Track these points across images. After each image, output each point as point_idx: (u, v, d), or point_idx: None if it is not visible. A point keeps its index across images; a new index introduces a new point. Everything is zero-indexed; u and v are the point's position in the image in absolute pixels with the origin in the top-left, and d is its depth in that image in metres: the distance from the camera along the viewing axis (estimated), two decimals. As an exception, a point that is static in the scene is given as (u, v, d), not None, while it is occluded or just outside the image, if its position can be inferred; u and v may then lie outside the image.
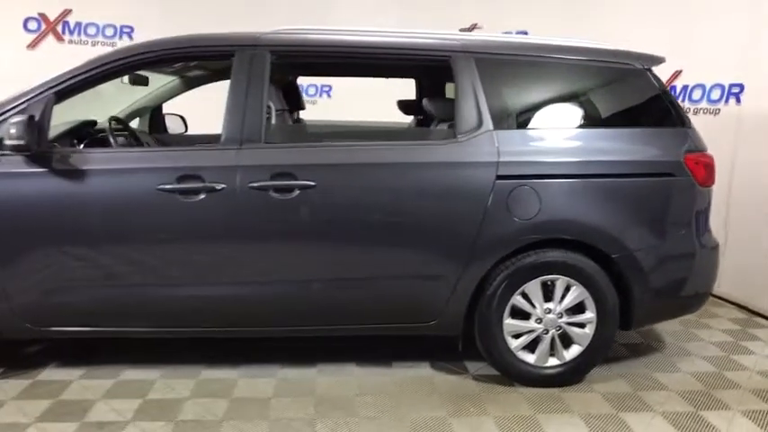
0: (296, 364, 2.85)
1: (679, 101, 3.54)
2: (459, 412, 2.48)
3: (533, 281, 2.62)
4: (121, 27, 5.67)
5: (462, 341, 2.77)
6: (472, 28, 5.72)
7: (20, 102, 2.48)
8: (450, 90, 3.22)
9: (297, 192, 2.48)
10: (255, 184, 2.47)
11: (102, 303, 2.57)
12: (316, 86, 6.41)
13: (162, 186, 2.45)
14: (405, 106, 3.94)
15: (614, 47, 2.78)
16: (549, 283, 2.64)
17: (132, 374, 2.74)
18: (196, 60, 2.96)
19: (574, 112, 2.77)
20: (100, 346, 2.99)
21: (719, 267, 2.88)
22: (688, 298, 2.82)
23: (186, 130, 3.82)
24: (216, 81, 3.36)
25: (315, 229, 2.55)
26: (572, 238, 2.60)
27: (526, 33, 5.53)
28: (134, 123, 3.47)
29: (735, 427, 2.41)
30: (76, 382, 2.67)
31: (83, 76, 2.54)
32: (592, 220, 2.60)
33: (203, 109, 3.26)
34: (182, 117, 3.77)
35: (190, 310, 2.62)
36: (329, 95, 6.40)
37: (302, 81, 6.02)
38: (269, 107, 3.82)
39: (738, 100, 3.79)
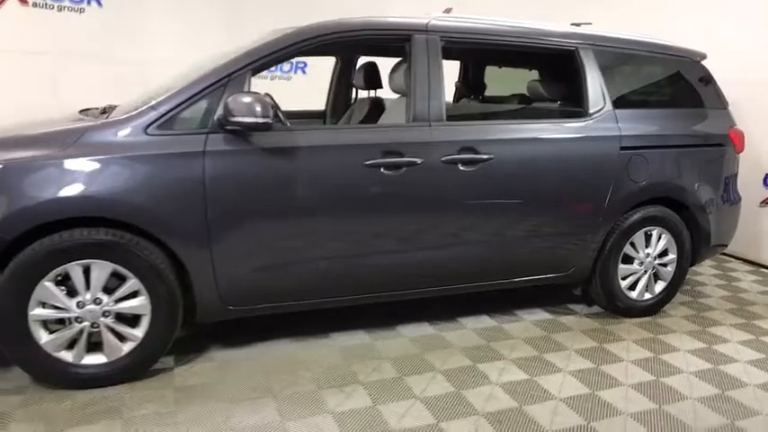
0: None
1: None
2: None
3: (639, 232, 3.26)
4: (296, 62, 5.78)
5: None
6: (448, 11, 6.20)
7: (218, 79, 2.43)
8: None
9: (479, 164, 2.79)
10: (447, 158, 2.73)
11: (309, 277, 2.64)
12: (291, 63, 6.37)
13: (369, 162, 2.59)
14: (464, 87, 4.36)
15: (676, 43, 3.48)
16: (648, 233, 3.29)
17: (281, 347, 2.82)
18: (375, 42, 3.01)
19: (658, 95, 3.43)
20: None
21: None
22: (721, 245, 3.66)
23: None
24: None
25: (491, 197, 2.88)
26: (669, 196, 3.27)
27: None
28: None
29: (572, 363, 2.82)
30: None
31: (275, 55, 2.56)
32: (680, 181, 3.30)
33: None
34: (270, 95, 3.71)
35: (390, 276, 2.80)
36: (304, 72, 6.42)
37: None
38: (353, 86, 3.99)
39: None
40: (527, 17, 3.17)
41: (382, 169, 2.62)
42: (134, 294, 2.36)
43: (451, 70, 4.33)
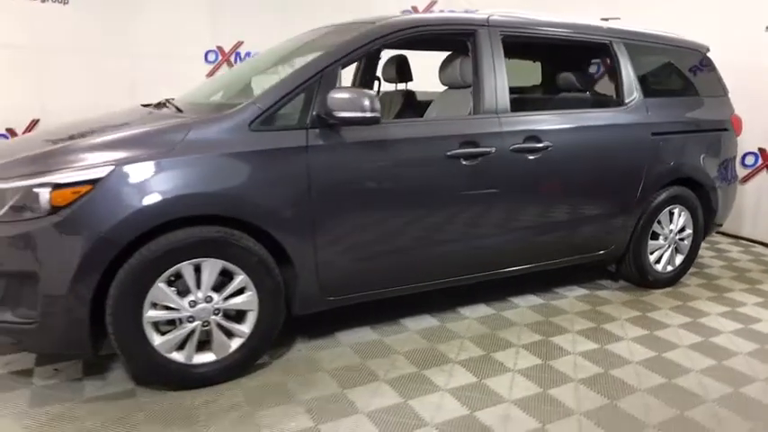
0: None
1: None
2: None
3: (665, 210, 3.58)
4: None
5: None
6: (432, 4, 6.39)
7: (312, 74, 2.47)
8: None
9: (540, 152, 2.98)
10: (515, 147, 2.90)
11: (400, 264, 2.74)
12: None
13: (450, 152, 2.72)
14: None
15: (685, 36, 3.82)
16: (671, 211, 3.61)
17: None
18: (444, 37, 3.07)
19: (675, 84, 3.75)
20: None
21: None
22: (720, 224, 4.06)
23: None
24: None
25: (551, 183, 3.09)
26: (689, 177, 3.60)
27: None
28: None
29: (629, 331, 3.24)
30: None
31: (361, 50, 2.62)
32: (697, 163, 3.64)
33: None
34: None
35: (469, 259, 2.96)
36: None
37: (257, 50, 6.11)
38: (378, 79, 4.07)
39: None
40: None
41: (462, 159, 2.75)
42: (240, 291, 2.37)
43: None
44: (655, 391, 2.47)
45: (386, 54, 3.78)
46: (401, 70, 3.79)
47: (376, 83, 4.19)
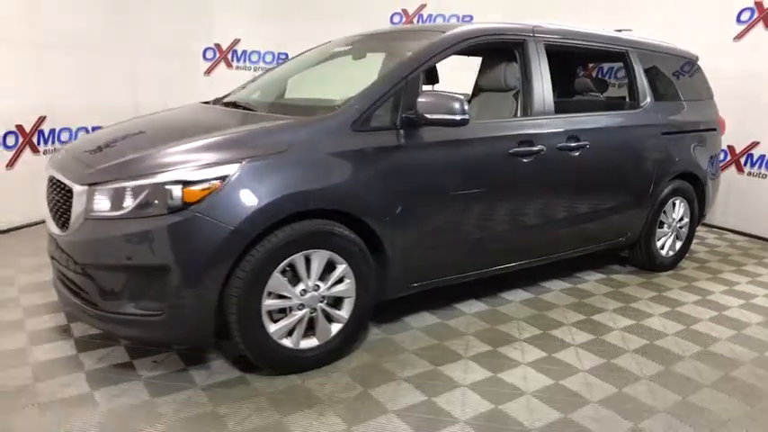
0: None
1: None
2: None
3: (669, 202, 4.02)
4: (278, 54, 6.43)
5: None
6: (421, 8, 6.67)
7: (399, 79, 2.67)
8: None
9: (580, 150, 3.31)
10: (560, 145, 3.21)
11: (470, 252, 3.01)
12: (273, 54, 6.43)
13: (512, 151, 3.00)
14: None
15: (678, 45, 4.27)
16: (674, 202, 4.06)
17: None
18: (499, 45, 3.25)
19: (674, 89, 4.18)
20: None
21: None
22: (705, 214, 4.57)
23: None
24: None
25: (588, 178, 3.44)
26: (689, 171, 4.05)
27: (471, 18, 6.73)
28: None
29: (655, 309, 4.18)
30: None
31: (437, 57, 2.84)
32: (696, 159, 4.10)
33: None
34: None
35: (522, 248, 3.26)
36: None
37: (261, 48, 6.20)
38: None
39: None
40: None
41: (519, 157, 3.04)
42: (340, 279, 2.55)
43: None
44: (699, 357, 2.86)
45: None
46: (430, 72, 4.01)
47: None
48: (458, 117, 2.57)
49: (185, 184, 2.17)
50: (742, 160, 5.34)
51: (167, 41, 5.59)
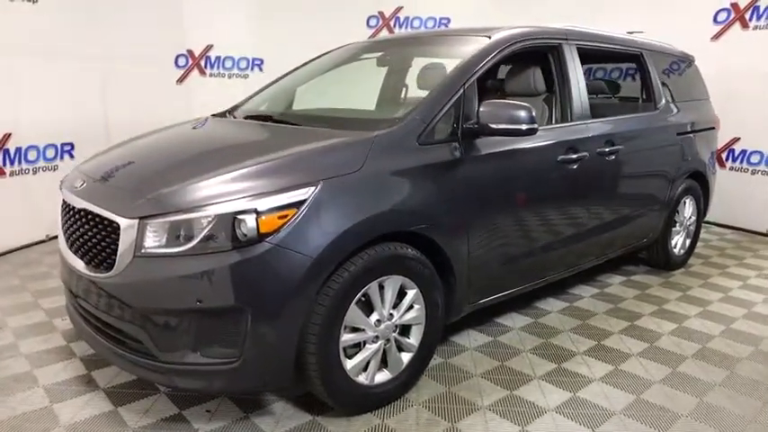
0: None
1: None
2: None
3: (683, 199, 4.07)
4: (253, 59, 6.22)
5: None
6: (397, 11, 6.53)
7: (457, 88, 2.50)
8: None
9: (615, 154, 3.26)
10: (600, 150, 3.15)
11: (528, 264, 2.89)
12: (247, 59, 6.11)
13: (560, 158, 2.90)
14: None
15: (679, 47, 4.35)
16: (684, 201, 4.11)
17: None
18: (537, 49, 3.10)
19: (683, 89, 4.23)
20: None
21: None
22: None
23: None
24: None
25: (623, 181, 3.41)
26: (697, 170, 4.11)
27: (449, 21, 6.64)
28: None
29: (685, 309, 4.39)
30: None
31: (489, 62, 2.69)
32: (702, 158, 4.17)
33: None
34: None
35: (571, 255, 3.18)
36: (261, 69, 6.20)
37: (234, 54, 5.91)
38: (406, 86, 4.13)
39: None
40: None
41: (566, 164, 2.95)
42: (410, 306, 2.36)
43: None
44: (754, 357, 2.86)
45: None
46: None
47: (404, 89, 4.25)
48: (524, 126, 2.44)
49: (258, 213, 1.92)
50: (724, 155, 5.54)
51: (137, 49, 5.15)
